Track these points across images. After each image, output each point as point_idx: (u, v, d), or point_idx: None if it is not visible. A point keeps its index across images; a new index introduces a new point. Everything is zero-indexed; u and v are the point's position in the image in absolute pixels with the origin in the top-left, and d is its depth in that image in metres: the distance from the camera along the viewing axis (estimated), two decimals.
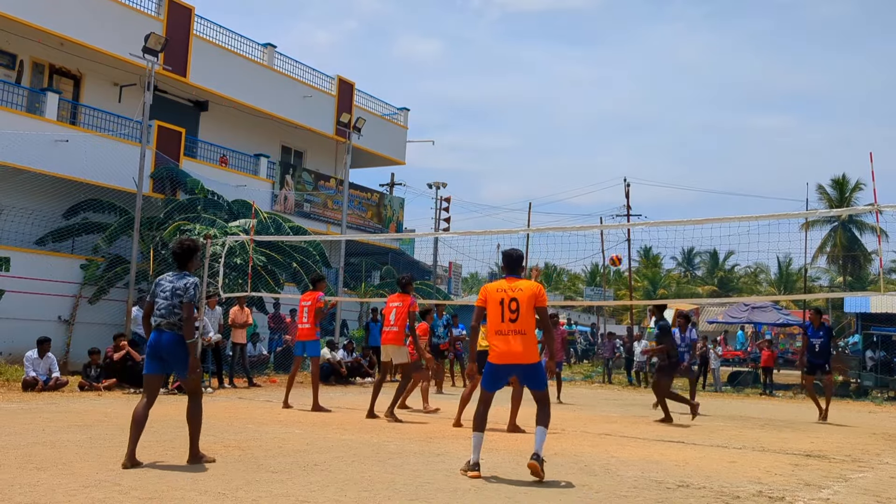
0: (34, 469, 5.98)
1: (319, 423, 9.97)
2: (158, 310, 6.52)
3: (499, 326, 6.42)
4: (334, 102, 28.03)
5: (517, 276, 6.71)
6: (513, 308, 6.43)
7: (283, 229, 21.16)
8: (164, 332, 6.47)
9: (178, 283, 6.54)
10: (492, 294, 6.57)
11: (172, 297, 6.50)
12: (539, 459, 6.18)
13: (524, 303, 6.45)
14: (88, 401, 11.94)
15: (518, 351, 6.34)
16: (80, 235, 19.89)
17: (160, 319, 6.49)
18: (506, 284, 6.60)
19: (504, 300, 6.47)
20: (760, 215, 10.71)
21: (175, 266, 6.80)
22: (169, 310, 6.47)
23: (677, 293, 58.21)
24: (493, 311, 6.49)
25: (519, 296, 6.48)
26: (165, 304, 6.50)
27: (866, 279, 50.65)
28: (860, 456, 8.81)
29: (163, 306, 6.50)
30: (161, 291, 6.56)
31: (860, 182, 48.39)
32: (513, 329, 6.38)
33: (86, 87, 21.84)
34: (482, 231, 13.43)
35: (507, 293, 6.50)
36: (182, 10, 22.48)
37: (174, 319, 6.45)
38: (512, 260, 6.81)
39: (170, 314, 6.46)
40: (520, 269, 6.85)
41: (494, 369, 6.45)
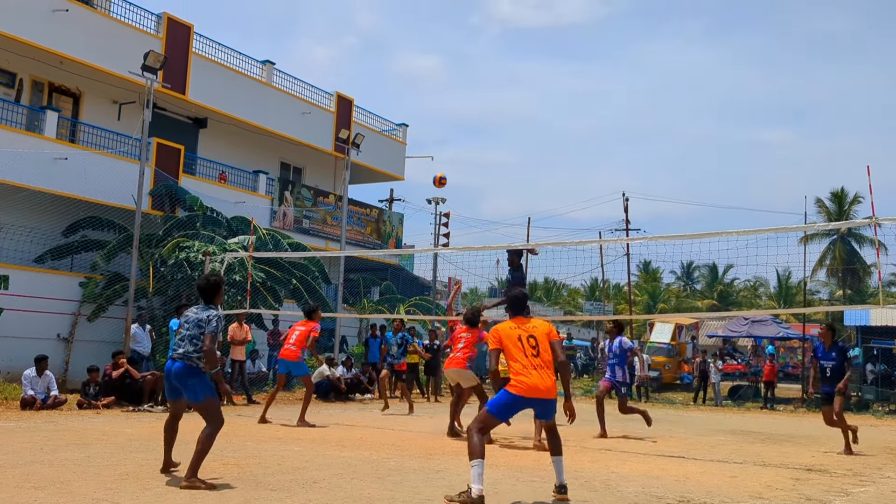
0: (32, 488, 5.96)
1: (318, 440, 9.93)
2: (181, 340, 6.68)
3: (524, 361, 6.32)
4: (333, 119, 28.10)
5: (526, 317, 6.70)
6: (532, 344, 6.41)
7: (282, 246, 21.17)
8: (175, 361, 6.64)
9: (202, 314, 6.71)
10: (506, 332, 6.52)
11: (195, 327, 6.66)
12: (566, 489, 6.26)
13: (542, 338, 6.46)
14: (87, 419, 11.90)
15: (547, 386, 6.26)
16: (79, 253, 19.88)
17: (178, 349, 6.67)
18: (516, 324, 6.58)
19: (521, 337, 6.44)
20: (759, 229, 10.74)
21: (201, 300, 6.97)
22: (189, 340, 6.63)
23: (677, 307, 58.19)
24: (514, 348, 6.40)
25: (535, 332, 6.49)
26: (188, 334, 6.67)
27: (866, 292, 50.62)
28: (862, 470, 8.78)
29: (185, 336, 6.67)
30: (186, 322, 6.76)
31: (859, 195, 48.48)
32: (537, 363, 6.32)
33: (85, 104, 21.90)
34: (481, 246, 13.44)
35: (523, 330, 6.48)
36: (181, 28, 22.58)
37: (190, 349, 6.60)
38: (519, 302, 6.81)
39: (188, 343, 6.62)
40: (527, 311, 6.82)
41: (516, 401, 6.27)
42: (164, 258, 18.68)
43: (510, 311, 6.81)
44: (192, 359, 6.59)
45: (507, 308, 6.87)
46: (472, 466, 5.90)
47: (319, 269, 23.00)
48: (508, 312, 6.83)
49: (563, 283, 67.34)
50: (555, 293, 68.44)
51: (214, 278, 7.02)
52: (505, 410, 6.33)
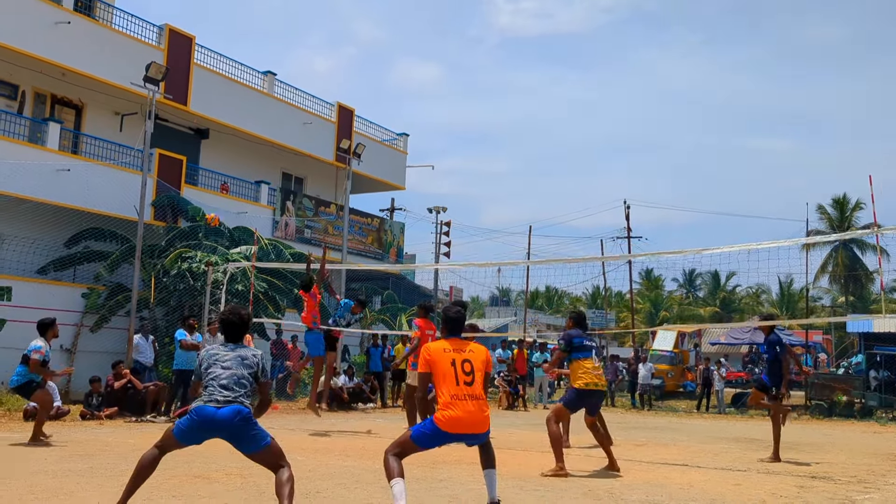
0: (35, 500, 5.96)
1: (322, 449, 9.93)
2: (215, 380, 5.38)
3: (454, 391, 5.64)
4: (334, 129, 28.16)
5: (462, 339, 6.04)
6: (467, 370, 5.74)
7: (284, 255, 21.18)
8: (223, 407, 5.28)
9: (243, 351, 5.56)
10: (438, 355, 5.79)
11: (240, 366, 5.46)
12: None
13: (478, 366, 5.81)
14: (90, 430, 11.90)
15: (478, 420, 5.66)
16: (81, 264, 19.90)
17: (219, 392, 5.33)
18: (451, 346, 5.88)
19: (455, 361, 5.75)
20: (760, 243, 10.75)
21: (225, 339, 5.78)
22: (234, 380, 5.39)
23: (679, 315, 58.14)
24: (445, 374, 5.71)
25: (472, 357, 5.82)
26: (228, 373, 5.40)
27: (868, 298, 50.56)
28: (866, 477, 8.75)
29: (223, 376, 5.38)
30: (219, 361, 5.47)
31: (860, 201, 48.50)
32: (470, 393, 5.67)
33: (87, 116, 21.96)
34: (482, 263, 13.47)
35: (458, 354, 5.80)
36: (182, 40, 22.66)
37: (241, 392, 5.39)
38: (455, 322, 6.10)
39: (235, 385, 5.38)
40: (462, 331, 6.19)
41: (441, 436, 5.66)
42: (166, 269, 18.70)
43: (445, 330, 6.10)
44: (245, 402, 5.40)
45: (442, 327, 6.16)
46: (392, 486, 5.44)
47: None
48: (443, 332, 6.14)
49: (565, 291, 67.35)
50: (556, 301, 68.43)
51: (246, 313, 5.83)
52: (427, 442, 5.73)
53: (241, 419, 5.31)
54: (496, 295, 69.46)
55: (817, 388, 21.89)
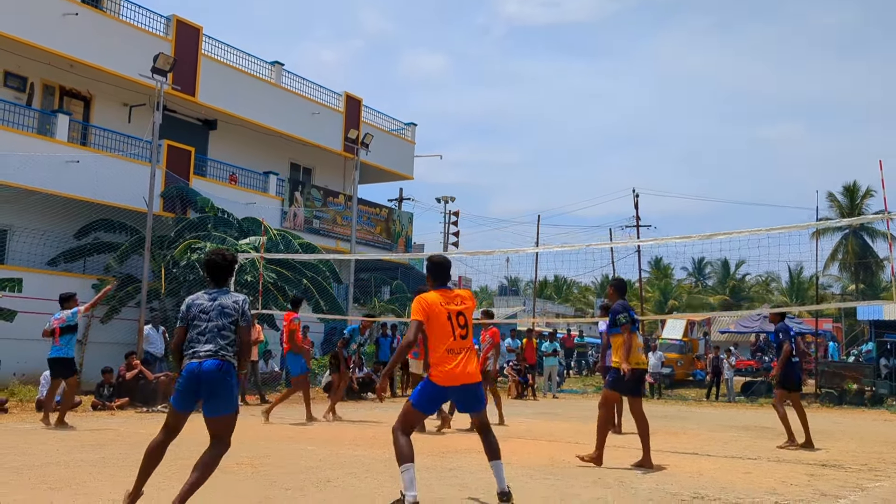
0: (48, 489, 6.00)
1: (332, 439, 9.96)
2: (201, 334, 5.30)
3: (450, 345, 5.62)
4: (342, 119, 28.15)
5: (450, 288, 5.95)
6: (461, 323, 5.72)
7: (293, 246, 21.22)
8: (205, 360, 5.20)
9: (224, 300, 5.42)
10: (436, 308, 5.70)
11: (220, 316, 5.35)
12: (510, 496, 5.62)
13: (470, 316, 5.82)
14: (101, 420, 11.98)
15: (472, 370, 5.67)
16: (91, 255, 19.99)
17: (202, 346, 5.26)
18: (444, 298, 5.78)
19: (451, 315, 5.70)
20: (769, 228, 10.67)
21: (210, 282, 5.66)
22: (215, 332, 5.30)
23: (688, 303, 58.01)
24: (441, 328, 5.67)
25: (464, 309, 5.80)
26: (212, 325, 5.31)
27: (879, 286, 50.34)
28: (876, 465, 8.74)
29: (207, 329, 5.31)
30: (201, 312, 5.37)
31: (870, 189, 48.23)
32: (466, 346, 5.67)
33: (96, 107, 22.01)
34: (489, 251, 13.42)
35: (453, 306, 5.75)
36: (190, 31, 22.66)
37: (222, 344, 5.29)
38: (441, 268, 6.02)
39: (216, 337, 5.29)
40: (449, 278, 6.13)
41: (442, 393, 5.70)
42: (175, 260, 18.75)
43: (432, 279, 6.00)
44: (228, 357, 5.27)
45: (429, 275, 6.04)
46: (403, 472, 5.40)
47: (330, 268, 23.07)
48: (430, 282, 6.02)
49: (574, 280, 67.27)
50: (565, 291, 68.39)
51: (230, 255, 5.68)
52: (428, 405, 5.78)
53: (221, 372, 5.19)
54: (505, 284, 69.48)
55: (827, 377, 21.84)
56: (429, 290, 5.93)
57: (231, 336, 5.35)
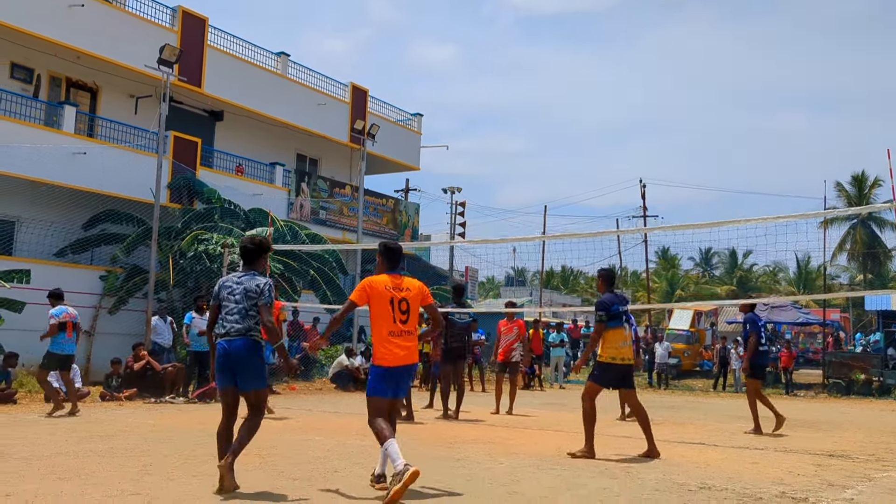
0: (57, 479, 6.03)
1: (339, 429, 9.99)
2: (228, 315, 5.87)
3: (391, 327, 5.93)
4: (348, 109, 28.12)
5: (400, 273, 6.24)
6: (403, 308, 6.00)
7: (300, 237, 21.24)
8: (234, 340, 5.81)
9: (249, 283, 5.91)
10: (379, 291, 6.01)
11: (245, 299, 5.86)
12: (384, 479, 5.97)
13: (414, 303, 6.08)
14: (110, 411, 12.03)
15: (412, 352, 6.01)
16: (98, 246, 20.05)
17: (230, 325, 5.84)
18: (391, 283, 6.07)
19: (394, 300, 5.99)
20: (777, 216, 10.64)
21: (242, 265, 6.17)
22: (242, 314, 5.84)
23: (695, 293, 57.88)
24: (384, 312, 5.96)
25: (408, 296, 6.06)
26: (238, 307, 5.85)
27: (887, 276, 50.17)
28: (884, 455, 8.72)
29: (234, 310, 5.86)
30: (229, 294, 5.91)
31: (878, 178, 47.99)
32: (403, 329, 5.98)
33: (102, 99, 22.02)
34: (497, 240, 13.39)
35: (397, 291, 6.04)
36: (196, 22, 22.63)
37: (249, 324, 5.83)
38: (394, 253, 6.31)
39: (243, 319, 5.84)
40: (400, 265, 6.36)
41: (389, 373, 5.97)
42: (183, 251, 18.79)
43: (384, 262, 6.27)
44: (255, 336, 5.86)
45: (382, 260, 6.29)
46: (387, 448, 5.67)
47: (336, 259, 23.09)
48: (383, 266, 6.26)
49: (581, 271, 67.19)
50: (572, 281, 68.32)
51: (259, 239, 6.21)
52: (382, 386, 5.98)
53: (247, 350, 5.80)
54: (511, 275, 69.42)
55: (835, 367, 21.80)
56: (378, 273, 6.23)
57: (258, 316, 5.86)
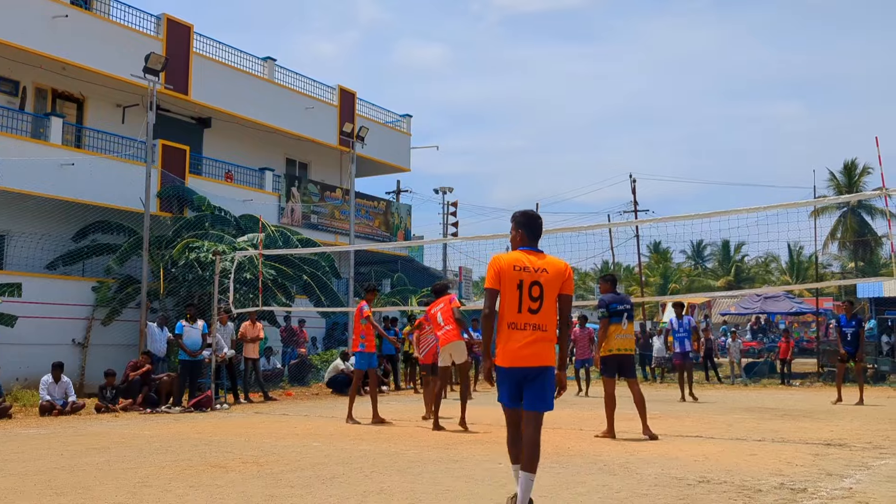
0: (54, 494, 5.99)
1: (337, 434, 9.96)
2: None
3: (514, 318, 4.94)
4: (336, 113, 28.08)
5: (539, 251, 5.17)
6: (535, 295, 4.94)
7: (292, 242, 21.19)
8: None
9: None
10: (508, 272, 4.96)
11: None
12: None
13: (549, 288, 5.00)
14: (105, 423, 11.97)
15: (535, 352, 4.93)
16: (90, 258, 19.96)
17: None
18: (524, 262, 5.02)
19: (523, 283, 4.94)
20: (768, 206, 10.67)
21: None
22: None
23: (689, 286, 58.00)
24: (509, 295, 4.95)
25: (542, 279, 4.98)
26: None
27: (878, 263, 50.36)
28: (881, 443, 8.74)
29: None
30: None
31: (868, 166, 48.17)
32: (531, 322, 4.93)
33: (89, 109, 21.94)
34: (490, 236, 13.37)
35: (529, 273, 4.97)
36: (181, 29, 22.57)
37: None
38: (534, 223, 5.24)
39: None
40: (540, 238, 5.29)
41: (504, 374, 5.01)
42: (174, 259, 18.73)
43: (523, 234, 5.20)
44: None
45: (516, 230, 5.24)
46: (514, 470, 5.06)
47: (330, 263, 23.04)
48: (518, 238, 5.22)
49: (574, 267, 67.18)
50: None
51: None
52: (501, 391, 5.06)
53: None
54: None
55: (829, 355, 21.86)
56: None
57: None
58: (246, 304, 17.69)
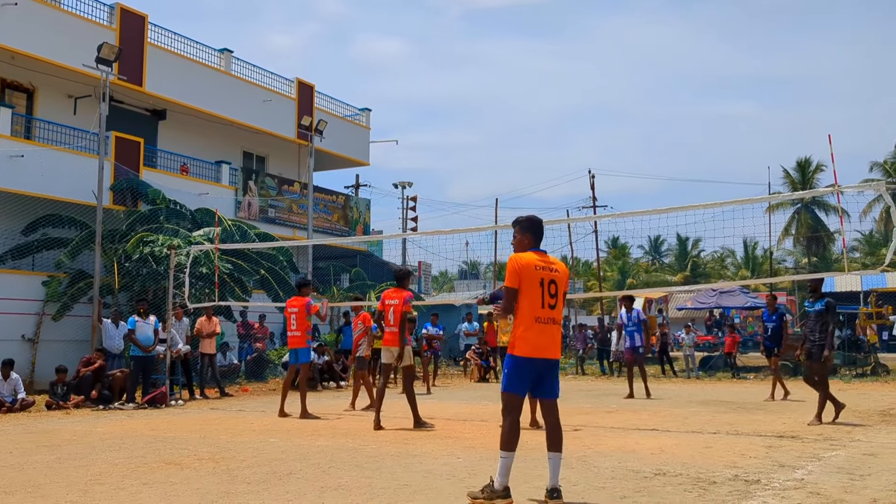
0: (2, 493, 5.84)
1: (295, 430, 9.86)
2: None
3: (538, 313, 5.27)
4: (294, 106, 27.82)
5: (545, 251, 5.55)
6: (552, 292, 5.32)
7: (249, 236, 20.95)
8: None
9: None
10: (530, 271, 5.30)
11: None
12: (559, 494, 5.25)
13: (562, 287, 5.41)
14: (56, 420, 11.72)
15: (555, 345, 5.37)
16: (40, 252, 19.49)
17: None
18: (540, 261, 5.39)
19: (544, 281, 5.30)
20: (723, 202, 10.81)
21: None
22: None
23: (646, 282, 58.70)
24: (532, 293, 5.28)
25: (557, 278, 5.39)
26: None
27: (830, 258, 51.45)
28: (832, 434, 8.91)
29: None
30: None
31: (821, 164, 49.17)
32: (551, 318, 5.33)
33: (39, 100, 21.43)
34: (449, 230, 13.37)
35: (547, 272, 5.35)
36: (135, 19, 22.15)
37: None
38: (541, 228, 5.64)
39: None
40: None
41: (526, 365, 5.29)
42: (128, 254, 18.39)
43: (529, 237, 5.56)
44: None
45: (522, 234, 5.59)
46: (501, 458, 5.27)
47: (287, 258, 22.84)
48: (526, 239, 5.56)
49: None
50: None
51: None
52: (519, 381, 5.34)
53: None
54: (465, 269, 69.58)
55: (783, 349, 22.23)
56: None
57: None
58: (202, 298, 17.43)
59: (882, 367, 20.75)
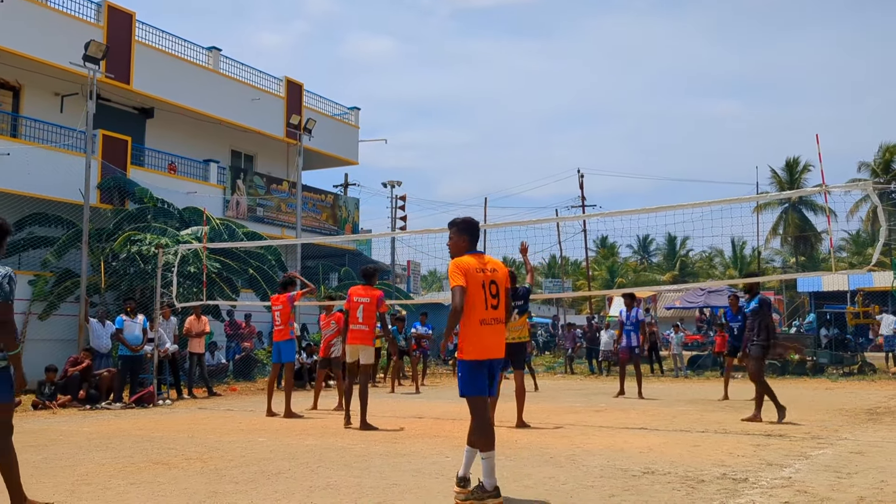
0: None
1: (283, 430, 9.83)
2: None
3: (482, 315, 5.32)
4: (283, 104, 27.75)
5: (482, 252, 5.63)
6: (493, 292, 5.38)
7: (237, 235, 20.88)
8: None
9: None
10: (473, 273, 5.34)
11: None
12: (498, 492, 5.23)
13: (502, 287, 5.46)
14: (43, 420, 11.65)
15: (500, 343, 5.45)
16: (26, 251, 19.35)
17: None
18: (478, 263, 5.43)
19: (485, 283, 5.35)
20: (711, 201, 10.84)
21: None
22: None
23: (635, 281, 58.86)
24: (475, 295, 5.32)
25: (496, 277, 5.44)
26: None
27: (818, 258, 51.70)
28: (819, 433, 8.95)
29: None
30: None
31: (808, 163, 49.39)
32: (494, 318, 5.39)
33: (26, 98, 21.29)
34: (439, 229, 13.33)
35: (486, 274, 5.39)
36: (122, 17, 22.03)
37: None
38: (477, 230, 5.74)
39: None
40: None
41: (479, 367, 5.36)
42: (115, 252, 18.30)
43: (466, 240, 5.63)
44: None
45: (459, 236, 5.65)
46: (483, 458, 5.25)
47: (276, 257, 22.77)
48: (462, 241, 5.62)
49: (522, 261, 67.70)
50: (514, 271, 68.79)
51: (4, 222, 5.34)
52: (480, 382, 5.35)
53: None
54: None
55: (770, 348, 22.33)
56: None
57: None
58: (190, 298, 17.36)
59: (869, 366, 20.87)
